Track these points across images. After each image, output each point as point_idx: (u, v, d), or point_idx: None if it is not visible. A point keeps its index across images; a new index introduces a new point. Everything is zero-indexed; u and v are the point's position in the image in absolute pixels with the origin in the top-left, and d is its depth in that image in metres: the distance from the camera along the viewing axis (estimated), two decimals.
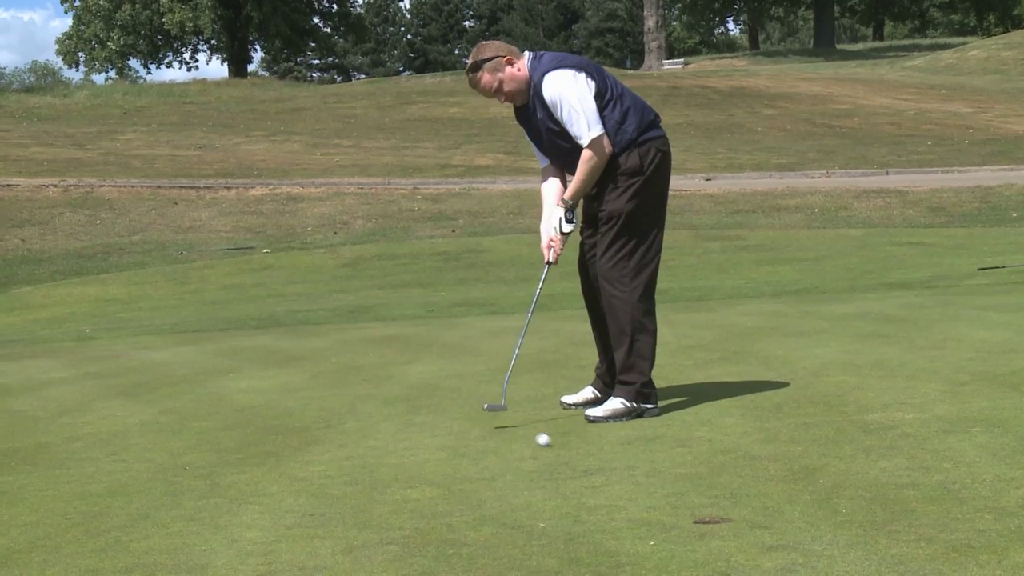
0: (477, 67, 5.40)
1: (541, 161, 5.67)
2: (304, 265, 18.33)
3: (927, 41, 72.76)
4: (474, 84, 5.44)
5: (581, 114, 5.30)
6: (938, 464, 4.18)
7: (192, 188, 25.00)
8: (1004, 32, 63.74)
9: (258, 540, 3.80)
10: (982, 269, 12.24)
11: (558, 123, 5.36)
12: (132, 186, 25.24)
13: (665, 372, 6.56)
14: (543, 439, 4.86)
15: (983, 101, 37.34)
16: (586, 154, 5.33)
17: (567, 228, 5.48)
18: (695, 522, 3.68)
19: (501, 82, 5.39)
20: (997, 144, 28.54)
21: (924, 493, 3.83)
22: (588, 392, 5.71)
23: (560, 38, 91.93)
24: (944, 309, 8.83)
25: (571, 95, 5.31)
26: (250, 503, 4.28)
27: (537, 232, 5.76)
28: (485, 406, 5.52)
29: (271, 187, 25.08)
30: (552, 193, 5.58)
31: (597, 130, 5.30)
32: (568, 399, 5.72)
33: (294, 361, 8.43)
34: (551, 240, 5.51)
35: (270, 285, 16.54)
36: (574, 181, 5.45)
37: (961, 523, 3.39)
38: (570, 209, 5.47)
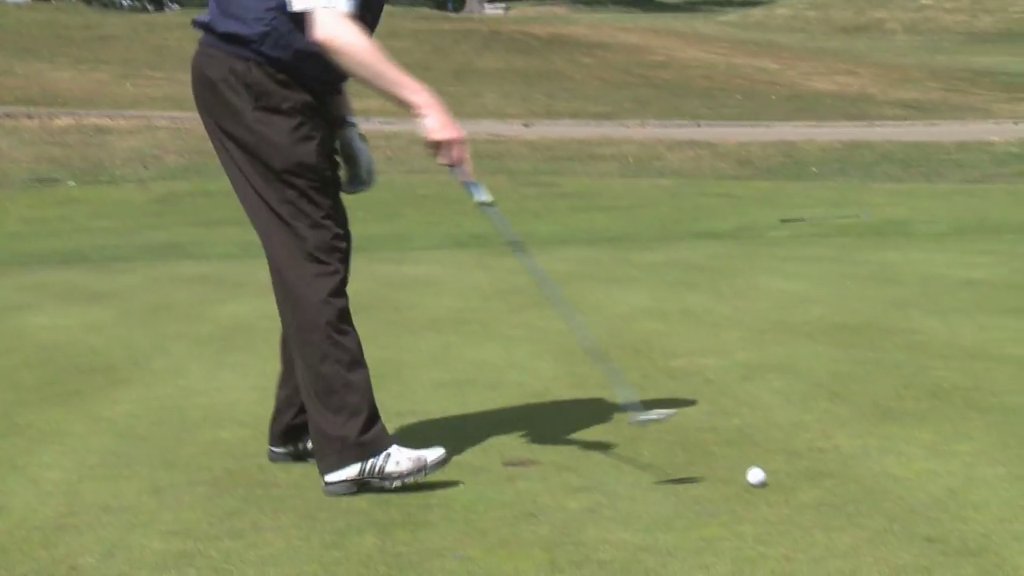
0: None
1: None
2: (113, 200, 17.73)
3: None
4: None
5: None
6: (736, 409, 4.38)
7: None
8: None
9: (59, 480, 3.71)
10: (784, 221, 12.72)
11: None
12: None
13: (479, 316, 6.64)
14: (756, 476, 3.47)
15: (788, 58, 38.57)
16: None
17: None
18: (504, 465, 3.76)
19: None
20: (801, 101, 29.56)
21: (723, 437, 4.01)
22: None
23: None
24: (748, 260, 9.18)
25: None
26: (51, 443, 4.16)
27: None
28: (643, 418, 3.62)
29: (77, 117, 24.10)
30: None
31: None
32: None
33: (101, 298, 8.18)
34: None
35: (76, 219, 15.94)
36: None
37: (755, 465, 3.55)
38: None
